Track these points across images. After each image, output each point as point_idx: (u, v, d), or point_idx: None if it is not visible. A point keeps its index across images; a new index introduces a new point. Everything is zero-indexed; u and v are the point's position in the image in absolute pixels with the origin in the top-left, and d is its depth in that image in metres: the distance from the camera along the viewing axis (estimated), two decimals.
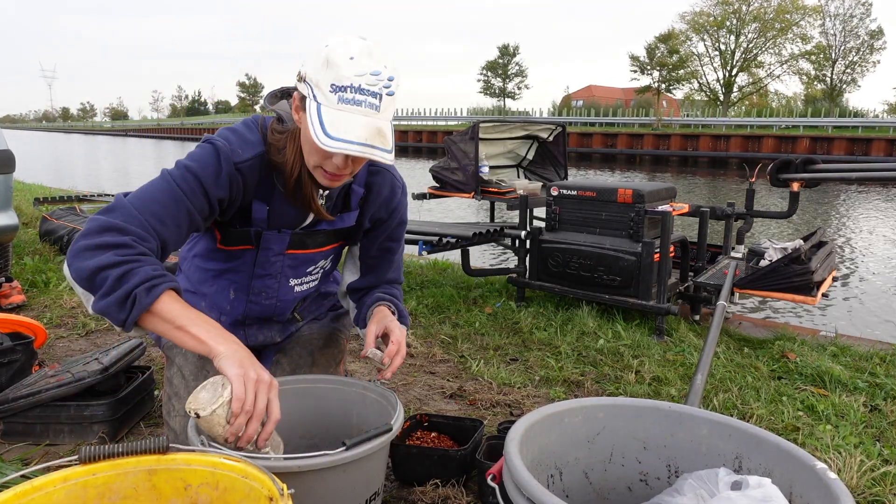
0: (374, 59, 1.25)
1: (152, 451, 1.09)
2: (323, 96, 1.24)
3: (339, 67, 1.23)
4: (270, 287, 1.63)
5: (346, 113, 1.23)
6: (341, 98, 1.23)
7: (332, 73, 1.23)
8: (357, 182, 1.57)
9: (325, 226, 1.59)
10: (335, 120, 1.23)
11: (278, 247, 1.56)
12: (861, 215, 13.39)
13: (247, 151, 1.41)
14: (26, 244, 5.00)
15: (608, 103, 51.36)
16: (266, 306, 1.67)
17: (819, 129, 29.19)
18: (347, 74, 1.23)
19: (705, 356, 2.14)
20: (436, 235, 3.64)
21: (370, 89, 1.25)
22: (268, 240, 1.53)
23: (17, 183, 10.40)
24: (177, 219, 1.32)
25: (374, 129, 1.24)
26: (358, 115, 1.24)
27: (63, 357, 2.78)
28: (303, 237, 1.58)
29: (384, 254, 1.71)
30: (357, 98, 1.24)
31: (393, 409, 1.45)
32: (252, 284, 1.62)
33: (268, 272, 1.60)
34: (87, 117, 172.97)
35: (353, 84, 1.23)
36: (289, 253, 1.58)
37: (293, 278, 1.66)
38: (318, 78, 1.25)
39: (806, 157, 3.87)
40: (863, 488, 1.88)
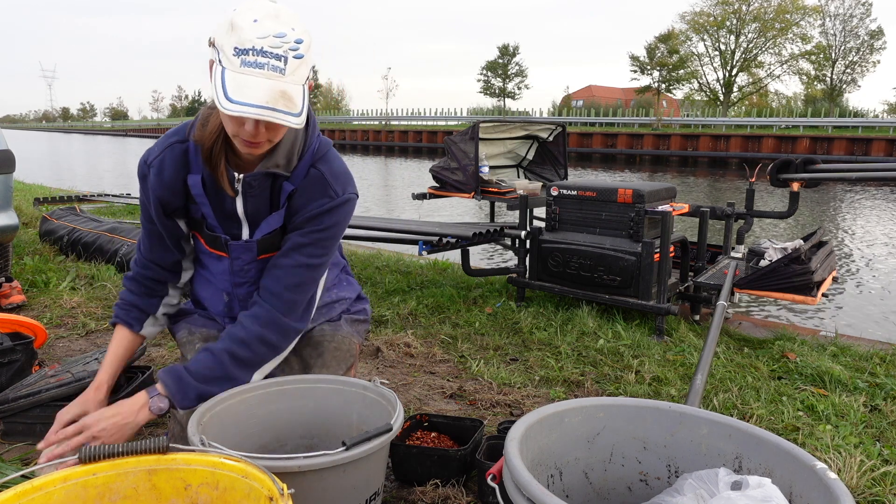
0: (279, 22, 1.24)
1: (152, 451, 1.09)
2: (227, 60, 1.24)
3: (242, 30, 1.23)
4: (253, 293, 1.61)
5: (248, 76, 1.23)
6: (244, 62, 1.23)
7: (235, 37, 1.23)
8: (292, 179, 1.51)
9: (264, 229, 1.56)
10: (237, 84, 1.22)
11: (248, 256, 1.59)
12: (861, 215, 13.39)
13: (159, 146, 1.54)
14: (26, 244, 5.00)
15: (608, 103, 51.37)
16: None
17: (819, 129, 29.21)
18: (250, 37, 1.22)
19: (705, 356, 2.14)
20: (436, 235, 3.64)
21: (273, 52, 1.23)
22: (235, 249, 1.58)
23: (17, 183, 10.40)
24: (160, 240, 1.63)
25: (277, 91, 1.23)
26: (261, 77, 1.23)
27: (63, 357, 2.78)
28: (270, 239, 1.57)
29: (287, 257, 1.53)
30: (259, 61, 1.23)
31: (393, 409, 1.45)
32: (235, 292, 1.66)
33: (245, 280, 1.63)
34: (87, 117, 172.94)
35: (255, 47, 1.22)
36: (262, 258, 1.59)
37: None
38: (223, 42, 1.25)
39: (806, 157, 3.87)
40: (863, 488, 1.88)
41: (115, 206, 7.54)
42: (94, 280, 4.05)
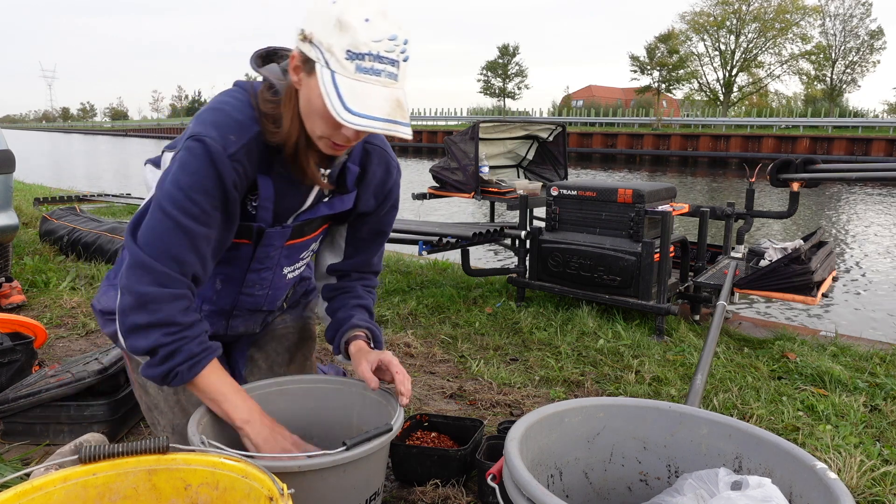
0: (389, 21, 1.15)
1: (152, 451, 1.09)
2: (337, 63, 1.13)
3: (354, 31, 1.12)
4: (265, 279, 1.56)
5: (365, 84, 1.14)
6: (359, 67, 1.13)
7: (347, 38, 1.12)
8: (352, 160, 1.46)
9: (324, 210, 1.48)
10: (355, 92, 1.13)
11: (279, 242, 1.48)
12: (861, 215, 13.39)
13: (241, 137, 1.27)
14: (26, 244, 5.00)
15: (608, 103, 51.36)
16: (258, 297, 1.59)
17: (819, 129, 29.20)
18: (364, 40, 1.12)
19: (705, 356, 2.14)
20: (436, 235, 3.64)
21: (388, 56, 1.14)
22: (271, 236, 1.44)
23: (17, 183, 10.40)
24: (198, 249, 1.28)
25: (394, 101, 1.15)
26: (378, 86, 1.14)
27: (63, 357, 2.78)
28: (302, 226, 1.49)
29: (374, 238, 1.62)
30: (376, 67, 1.14)
31: (393, 409, 1.45)
32: (246, 278, 1.53)
33: (265, 265, 1.52)
34: (87, 117, 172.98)
35: (371, 51, 1.13)
36: (287, 245, 1.52)
37: (286, 266, 1.58)
38: (329, 41, 1.13)
39: (806, 157, 3.87)
40: (863, 488, 1.88)
41: (115, 206, 7.54)
42: (94, 280, 4.05)
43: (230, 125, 1.27)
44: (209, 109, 1.30)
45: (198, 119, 1.29)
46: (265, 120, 1.29)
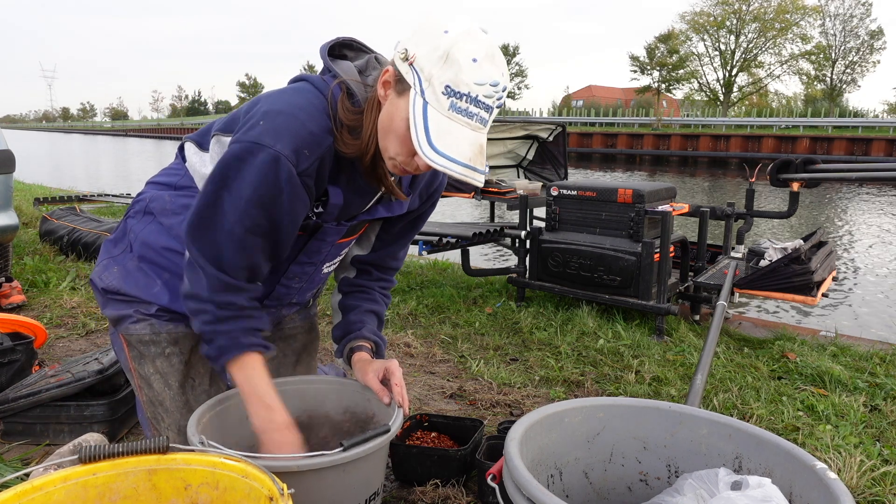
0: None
1: (152, 451, 1.09)
2: (433, 95, 1.10)
3: (459, 68, 1.09)
4: (307, 273, 1.55)
5: (454, 123, 1.10)
6: (454, 105, 1.10)
7: (450, 73, 1.09)
8: None
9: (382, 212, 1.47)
10: (442, 129, 1.10)
11: (332, 238, 1.46)
12: (861, 215, 13.39)
13: (314, 151, 1.23)
14: (26, 244, 5.00)
15: (608, 103, 51.37)
16: (294, 289, 1.59)
17: (819, 129, 29.20)
18: (467, 80, 1.09)
19: (705, 356, 2.14)
20: (436, 235, 3.64)
21: (486, 102, 1.12)
22: (327, 231, 1.43)
23: (17, 183, 10.40)
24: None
25: (478, 146, 1.12)
26: (467, 129, 1.11)
27: (63, 357, 2.78)
28: (354, 227, 1.48)
29: (405, 233, 1.63)
30: (471, 110, 1.11)
31: (392, 409, 1.45)
32: (290, 269, 1.51)
33: (311, 260, 1.51)
34: (87, 117, 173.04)
35: (470, 93, 1.10)
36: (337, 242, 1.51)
37: (328, 262, 1.58)
38: (431, 71, 1.10)
39: (806, 157, 3.87)
40: (863, 488, 1.88)
41: (115, 206, 7.54)
42: None
43: (304, 138, 1.21)
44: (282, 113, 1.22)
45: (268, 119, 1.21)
46: (342, 130, 1.25)
